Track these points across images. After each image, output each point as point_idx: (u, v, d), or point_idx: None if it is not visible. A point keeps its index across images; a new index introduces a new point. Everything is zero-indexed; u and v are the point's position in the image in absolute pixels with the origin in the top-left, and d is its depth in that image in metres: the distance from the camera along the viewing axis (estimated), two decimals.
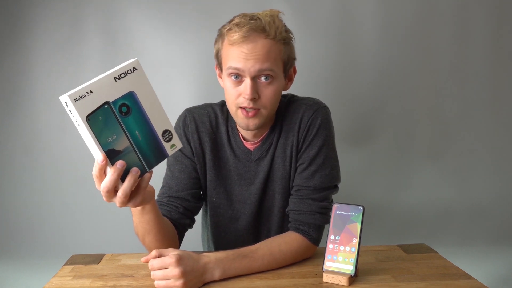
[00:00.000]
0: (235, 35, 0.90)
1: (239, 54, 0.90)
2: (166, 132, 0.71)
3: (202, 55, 1.77)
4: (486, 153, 1.92)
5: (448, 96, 1.89)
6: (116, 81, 0.64)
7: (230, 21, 0.94)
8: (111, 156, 0.65)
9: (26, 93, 1.77)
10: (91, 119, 0.62)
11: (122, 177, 0.67)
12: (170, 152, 0.71)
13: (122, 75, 0.65)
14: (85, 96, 0.61)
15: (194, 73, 1.79)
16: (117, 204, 0.70)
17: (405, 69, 1.85)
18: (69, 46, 1.75)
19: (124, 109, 0.66)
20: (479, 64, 1.87)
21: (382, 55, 1.83)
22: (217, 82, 1.05)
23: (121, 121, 0.65)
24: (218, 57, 0.99)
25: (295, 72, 1.04)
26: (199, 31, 1.76)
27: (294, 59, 1.01)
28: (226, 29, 0.93)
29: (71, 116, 0.62)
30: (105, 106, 0.64)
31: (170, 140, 0.71)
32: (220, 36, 0.97)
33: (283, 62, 0.95)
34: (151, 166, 0.70)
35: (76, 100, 0.60)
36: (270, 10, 0.94)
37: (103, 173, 0.66)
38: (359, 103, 1.85)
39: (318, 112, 1.01)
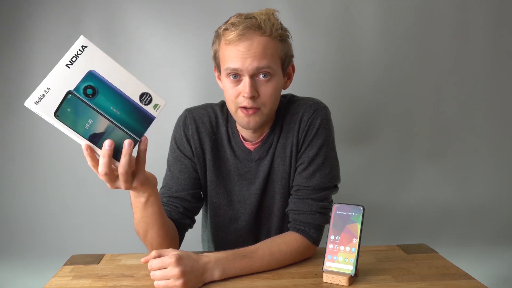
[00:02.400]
0: (231, 34, 0.90)
1: (236, 53, 0.90)
2: (143, 95, 0.68)
3: (202, 55, 1.77)
4: (486, 153, 1.92)
5: (448, 96, 1.88)
6: (69, 67, 0.62)
7: (225, 22, 0.95)
8: (96, 140, 0.65)
9: (26, 93, 1.76)
10: (60, 114, 0.61)
11: (118, 156, 0.67)
12: (155, 113, 0.69)
13: (74, 59, 0.63)
14: (44, 95, 0.60)
15: (194, 73, 1.79)
16: (122, 186, 0.70)
17: (405, 69, 1.85)
18: (69, 46, 1.74)
19: (89, 91, 0.64)
20: (479, 64, 1.87)
21: (382, 55, 1.83)
22: (217, 82, 1.05)
23: (91, 104, 0.64)
24: (216, 58, 0.99)
25: (293, 70, 1.04)
26: (199, 31, 1.76)
27: (292, 56, 1.01)
28: (222, 29, 0.93)
29: (41, 117, 0.61)
30: (69, 97, 0.62)
31: (150, 101, 0.69)
32: (217, 37, 0.97)
33: (280, 59, 0.95)
34: (140, 134, 0.69)
35: (36, 103, 0.60)
36: (265, 9, 0.94)
37: (96, 160, 0.66)
38: (359, 103, 1.85)
39: (318, 112, 1.01)
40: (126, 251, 1.02)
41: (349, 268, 0.82)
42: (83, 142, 0.64)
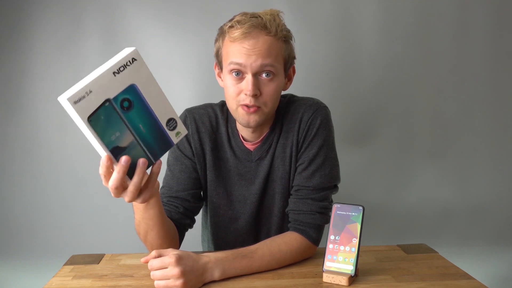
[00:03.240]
0: (237, 32, 0.90)
1: (241, 50, 0.90)
2: (170, 120, 0.68)
3: (202, 55, 1.77)
4: (486, 153, 1.92)
5: (448, 96, 1.88)
6: (115, 76, 0.61)
7: (230, 20, 0.95)
8: (116, 153, 0.64)
9: (26, 93, 1.76)
10: (93, 119, 0.60)
11: (130, 172, 0.66)
12: (175, 140, 0.70)
13: (122, 68, 0.62)
14: (84, 97, 0.58)
15: (194, 73, 1.79)
16: (126, 199, 0.70)
17: (405, 69, 1.85)
18: (69, 46, 1.75)
19: (126, 104, 0.63)
20: (479, 64, 1.87)
21: (382, 55, 1.83)
22: (217, 82, 1.05)
23: (123, 117, 0.63)
24: (218, 55, 0.99)
25: (294, 72, 1.05)
26: (199, 31, 1.77)
27: (294, 58, 1.01)
28: (227, 27, 0.93)
29: (72, 117, 0.60)
30: (106, 104, 0.61)
31: (174, 128, 0.69)
32: (221, 34, 0.97)
33: (283, 59, 0.96)
34: (157, 157, 0.69)
35: (75, 102, 0.58)
36: (270, 10, 0.95)
37: (110, 171, 0.65)
38: (359, 103, 1.85)
39: (318, 112, 1.01)
40: (126, 251, 1.02)
41: (349, 268, 0.82)
42: (104, 153, 0.63)
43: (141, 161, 0.66)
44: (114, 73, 0.61)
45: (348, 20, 1.80)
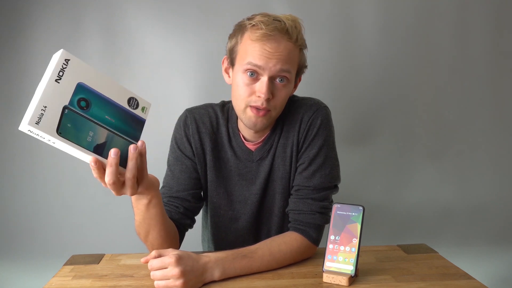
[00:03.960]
0: (260, 32, 0.89)
1: (262, 52, 0.90)
2: (130, 100, 0.70)
3: (202, 55, 1.77)
4: (486, 153, 1.92)
5: (448, 96, 1.89)
6: (58, 82, 0.61)
7: (250, 18, 0.93)
8: (100, 151, 0.65)
9: (26, 93, 1.77)
10: (62, 131, 0.60)
11: (122, 163, 0.67)
12: (144, 115, 0.71)
13: (60, 73, 0.61)
14: (42, 114, 0.58)
15: (194, 73, 1.79)
16: (129, 192, 0.71)
17: (405, 69, 1.85)
18: (69, 46, 1.75)
19: (83, 103, 0.63)
20: (479, 64, 1.87)
21: (382, 55, 1.83)
22: (217, 82, 1.05)
23: (87, 116, 0.64)
24: (233, 51, 0.97)
25: (300, 80, 1.05)
26: (199, 31, 1.77)
27: (306, 67, 1.01)
28: (250, 25, 0.92)
29: (41, 139, 0.59)
30: (66, 112, 0.61)
31: (138, 105, 0.71)
32: (240, 30, 0.95)
33: (298, 67, 0.97)
34: (137, 138, 0.70)
35: (37, 123, 0.57)
36: (290, 15, 0.94)
37: (102, 171, 0.67)
38: (360, 103, 1.85)
39: (319, 112, 1.01)
40: (126, 251, 1.02)
41: (349, 268, 0.82)
42: (89, 157, 0.63)
43: (132, 147, 0.68)
44: (56, 80, 0.61)
45: (348, 20, 1.81)
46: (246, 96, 0.93)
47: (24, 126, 0.57)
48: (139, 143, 0.70)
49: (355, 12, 1.80)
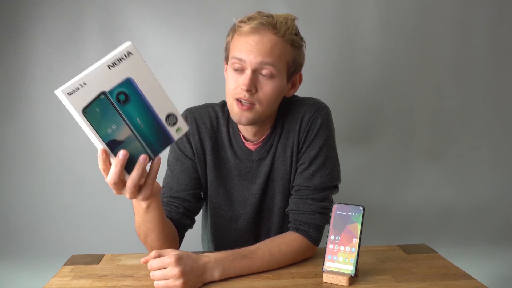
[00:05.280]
0: (245, 27, 0.91)
1: (245, 45, 0.91)
2: (170, 116, 0.67)
3: (202, 55, 1.77)
4: (486, 153, 1.92)
5: (448, 96, 1.89)
6: (110, 69, 0.61)
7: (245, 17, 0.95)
8: (113, 146, 0.63)
9: (26, 93, 1.77)
10: (88, 111, 0.60)
11: (129, 168, 0.66)
12: (175, 136, 0.69)
13: (117, 62, 0.62)
14: (78, 89, 0.59)
15: (194, 72, 1.79)
16: (127, 196, 0.70)
17: (405, 69, 1.85)
18: (69, 46, 1.75)
19: (122, 97, 0.63)
20: (479, 64, 1.87)
21: (382, 55, 1.83)
22: (217, 81, 1.05)
23: (120, 110, 0.63)
24: (226, 49, 0.99)
25: (300, 80, 1.04)
26: (199, 31, 1.77)
27: (301, 65, 1.01)
28: (238, 21, 0.94)
29: (68, 109, 0.60)
30: (101, 97, 0.61)
31: (175, 124, 0.68)
32: (232, 29, 0.97)
33: (287, 63, 0.95)
34: (156, 153, 0.68)
35: (69, 94, 0.58)
36: (286, 14, 0.95)
37: (108, 165, 0.65)
38: (360, 103, 1.85)
39: (319, 112, 1.01)
40: (126, 251, 1.02)
41: (349, 268, 0.82)
42: (100, 146, 0.63)
43: (142, 157, 0.66)
44: (109, 66, 0.61)
45: (348, 20, 1.81)
46: (233, 89, 0.94)
47: (58, 91, 0.58)
48: (156, 158, 0.68)
49: (356, 12, 1.80)
